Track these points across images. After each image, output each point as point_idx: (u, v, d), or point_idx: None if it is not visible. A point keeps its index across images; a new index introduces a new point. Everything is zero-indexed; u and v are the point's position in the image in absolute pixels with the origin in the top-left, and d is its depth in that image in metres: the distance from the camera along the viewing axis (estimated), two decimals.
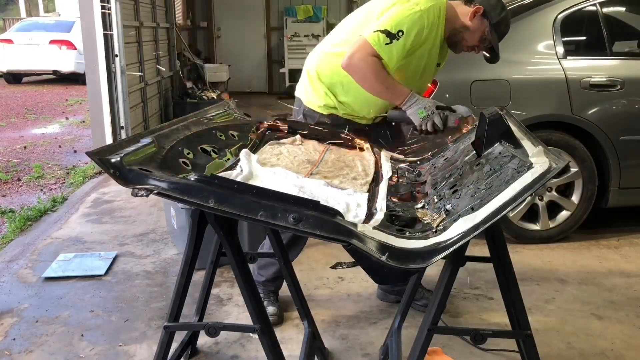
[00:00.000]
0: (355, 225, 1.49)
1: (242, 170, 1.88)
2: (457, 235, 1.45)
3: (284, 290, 2.61)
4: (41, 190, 5.32)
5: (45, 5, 25.33)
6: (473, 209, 1.54)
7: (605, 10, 3.72)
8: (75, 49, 13.16)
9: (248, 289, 1.82)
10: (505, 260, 1.73)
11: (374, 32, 2.29)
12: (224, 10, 11.84)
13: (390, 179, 2.07)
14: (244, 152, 2.00)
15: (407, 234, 1.62)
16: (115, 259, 3.52)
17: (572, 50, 3.75)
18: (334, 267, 3.50)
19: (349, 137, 2.42)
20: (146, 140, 1.68)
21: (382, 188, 1.94)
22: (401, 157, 2.45)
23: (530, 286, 3.14)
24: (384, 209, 1.75)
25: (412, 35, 2.30)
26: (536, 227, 3.72)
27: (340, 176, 2.04)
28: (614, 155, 3.62)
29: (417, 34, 2.32)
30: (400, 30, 2.27)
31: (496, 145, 1.91)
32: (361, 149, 2.39)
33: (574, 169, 3.62)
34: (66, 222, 4.21)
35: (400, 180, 2.16)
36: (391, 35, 2.27)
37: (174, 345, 2.16)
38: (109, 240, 3.84)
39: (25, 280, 3.25)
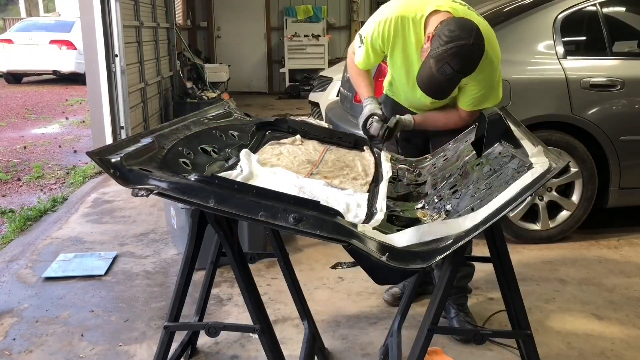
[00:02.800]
0: (355, 225, 1.49)
1: (242, 170, 1.88)
2: (457, 235, 1.45)
3: (284, 290, 2.61)
4: (41, 190, 5.32)
5: (45, 5, 25.32)
6: (473, 209, 1.54)
7: (605, 10, 3.72)
8: (75, 49, 13.16)
9: (248, 289, 1.82)
10: (505, 260, 1.73)
11: (358, 33, 2.54)
12: (224, 10, 11.84)
13: (391, 179, 2.07)
14: (244, 152, 2.00)
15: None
16: (115, 259, 3.52)
17: (572, 50, 3.75)
18: (334, 267, 3.50)
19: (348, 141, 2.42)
20: (146, 140, 1.68)
21: (382, 188, 1.94)
22: (401, 157, 2.45)
23: (530, 286, 3.14)
24: (384, 209, 1.75)
25: (370, 42, 2.42)
26: (536, 227, 3.72)
27: (340, 176, 2.04)
28: (614, 155, 3.62)
29: (374, 40, 2.41)
30: (365, 37, 2.44)
31: (496, 145, 1.92)
32: (360, 150, 2.40)
33: (574, 169, 3.62)
34: (66, 222, 4.21)
35: (401, 181, 2.16)
36: (361, 40, 2.47)
37: (174, 345, 2.16)
38: (109, 240, 3.83)
39: (25, 280, 3.25)
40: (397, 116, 2.47)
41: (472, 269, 2.75)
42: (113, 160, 1.49)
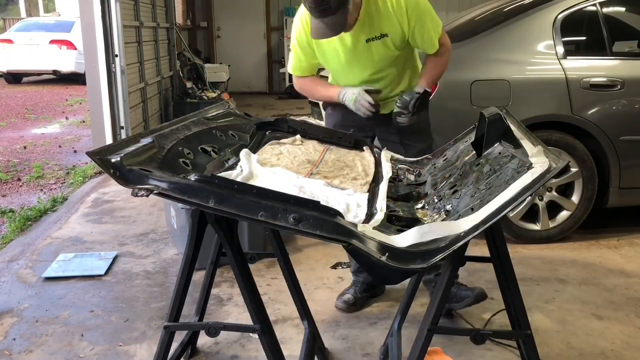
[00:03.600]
0: (355, 225, 1.49)
1: (242, 170, 1.88)
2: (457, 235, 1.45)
3: (284, 290, 2.60)
4: (41, 190, 5.32)
5: (45, 5, 25.33)
6: (473, 209, 1.54)
7: (605, 10, 3.72)
8: (75, 49, 13.15)
9: (248, 289, 1.82)
10: (505, 260, 1.73)
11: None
12: (224, 10, 11.84)
13: (391, 179, 2.07)
14: (244, 152, 2.00)
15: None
16: (115, 259, 3.52)
17: (572, 50, 3.75)
18: (334, 267, 3.50)
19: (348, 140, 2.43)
20: (146, 140, 1.68)
21: (382, 188, 1.94)
22: (401, 157, 2.45)
23: (530, 286, 3.14)
24: (384, 209, 1.75)
25: (298, 44, 2.60)
26: (536, 227, 3.72)
27: (340, 176, 2.04)
28: (614, 155, 3.62)
29: (300, 41, 2.59)
30: (292, 45, 2.64)
31: (496, 145, 1.91)
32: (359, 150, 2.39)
33: (574, 169, 3.62)
34: (66, 222, 4.21)
35: (401, 181, 2.16)
36: (290, 50, 2.67)
37: (174, 345, 2.16)
38: (109, 240, 3.83)
39: (25, 280, 3.25)
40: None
41: None
42: (113, 160, 1.49)
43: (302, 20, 2.54)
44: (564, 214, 3.72)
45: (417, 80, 2.62)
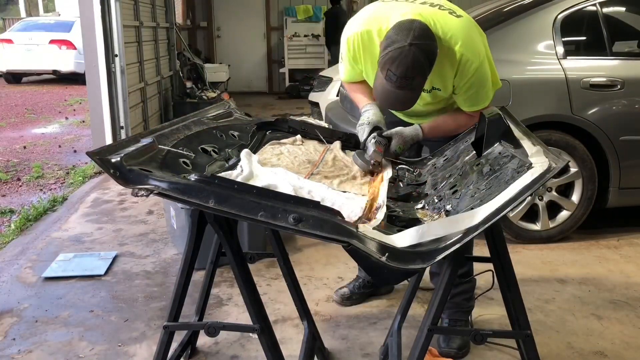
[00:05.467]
0: (355, 225, 1.49)
1: (242, 170, 1.88)
2: (457, 236, 1.45)
3: (284, 290, 2.60)
4: (41, 190, 5.32)
5: (45, 5, 25.33)
6: (473, 209, 1.54)
7: (605, 10, 3.72)
8: (75, 48, 13.17)
9: (248, 289, 1.82)
10: (505, 260, 1.73)
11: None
12: (224, 10, 11.84)
13: (391, 179, 2.07)
14: (244, 152, 2.00)
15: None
16: (115, 259, 3.52)
17: (572, 50, 3.75)
18: None
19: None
20: (146, 140, 1.68)
21: (382, 188, 1.94)
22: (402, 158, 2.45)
23: (530, 286, 3.14)
24: (384, 210, 1.75)
25: (347, 59, 2.42)
26: (536, 227, 3.72)
27: (340, 176, 2.04)
28: (614, 155, 3.62)
29: (350, 57, 2.39)
30: (342, 55, 2.44)
31: (496, 145, 1.91)
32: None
33: (574, 169, 3.62)
34: (66, 222, 4.21)
35: (401, 181, 2.16)
36: (341, 58, 2.46)
37: (174, 345, 2.16)
38: (108, 240, 3.83)
39: (25, 280, 3.25)
40: (397, 129, 2.32)
41: (470, 285, 2.58)
42: (113, 160, 1.49)
43: (361, 39, 2.29)
44: (563, 214, 3.72)
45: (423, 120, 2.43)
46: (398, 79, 1.99)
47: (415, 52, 1.97)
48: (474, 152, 2.01)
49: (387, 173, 2.10)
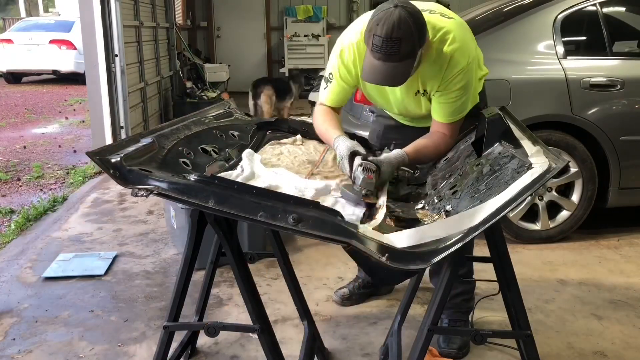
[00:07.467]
0: (355, 226, 1.49)
1: (243, 171, 1.88)
2: (457, 236, 1.45)
3: (284, 290, 2.60)
4: (41, 190, 5.32)
5: (45, 5, 25.33)
6: (473, 210, 1.54)
7: (605, 10, 3.72)
8: (75, 48, 13.16)
9: (248, 289, 1.82)
10: (505, 260, 1.73)
11: (322, 79, 2.36)
12: (224, 10, 11.84)
13: (391, 179, 2.07)
14: (246, 152, 2.00)
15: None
16: (115, 259, 3.51)
17: (572, 50, 3.75)
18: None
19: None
20: (146, 140, 1.68)
21: (383, 189, 1.93)
22: None
23: (530, 286, 3.14)
24: (384, 210, 1.75)
25: (339, 76, 2.28)
26: (536, 227, 3.72)
27: (340, 175, 2.04)
28: (614, 155, 3.62)
29: (342, 74, 2.27)
30: (330, 73, 2.30)
31: (496, 145, 1.91)
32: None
33: (574, 169, 3.62)
34: (66, 222, 4.21)
35: (401, 181, 2.15)
36: (326, 80, 2.32)
37: (174, 345, 2.16)
38: (108, 240, 3.83)
39: (25, 280, 3.25)
40: (383, 156, 2.09)
41: (470, 286, 2.57)
42: (113, 160, 1.49)
43: (356, 49, 2.20)
44: (564, 214, 3.72)
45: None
46: (384, 41, 1.87)
47: (401, 13, 1.87)
48: (474, 152, 2.01)
49: (382, 200, 1.86)
